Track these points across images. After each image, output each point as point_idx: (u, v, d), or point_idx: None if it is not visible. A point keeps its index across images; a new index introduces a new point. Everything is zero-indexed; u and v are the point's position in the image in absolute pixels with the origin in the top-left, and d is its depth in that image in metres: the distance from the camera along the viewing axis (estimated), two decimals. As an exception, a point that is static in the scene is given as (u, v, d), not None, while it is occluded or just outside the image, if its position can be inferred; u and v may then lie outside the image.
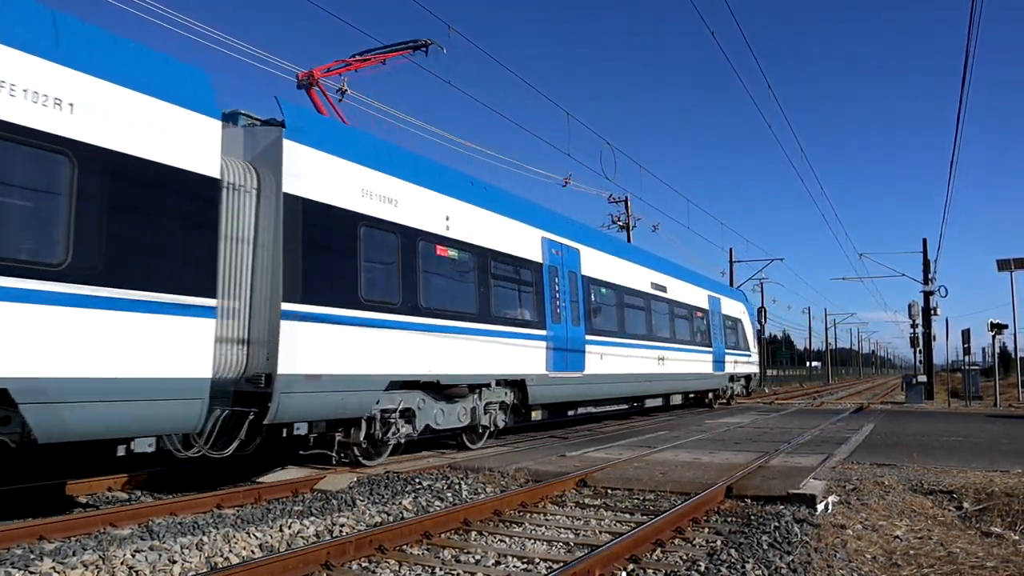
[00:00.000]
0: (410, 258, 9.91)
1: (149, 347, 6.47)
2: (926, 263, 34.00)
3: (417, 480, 8.38)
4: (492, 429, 12.05)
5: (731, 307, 25.46)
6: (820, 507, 6.97)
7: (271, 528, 6.08)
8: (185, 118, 7.04)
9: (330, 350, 8.47)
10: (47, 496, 7.65)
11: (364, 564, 5.25)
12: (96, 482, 8.13)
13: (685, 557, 5.43)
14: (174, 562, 5.12)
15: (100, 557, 5.06)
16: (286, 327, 7.87)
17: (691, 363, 20.64)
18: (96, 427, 6.22)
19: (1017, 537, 6.23)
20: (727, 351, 24.21)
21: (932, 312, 33.65)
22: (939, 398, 32.24)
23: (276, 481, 8.34)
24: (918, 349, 38.93)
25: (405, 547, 5.64)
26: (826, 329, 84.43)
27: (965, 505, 7.43)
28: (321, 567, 4.97)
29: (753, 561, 5.13)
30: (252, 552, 5.53)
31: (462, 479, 8.51)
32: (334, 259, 8.71)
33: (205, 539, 5.60)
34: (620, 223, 38.05)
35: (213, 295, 7.18)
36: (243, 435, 7.74)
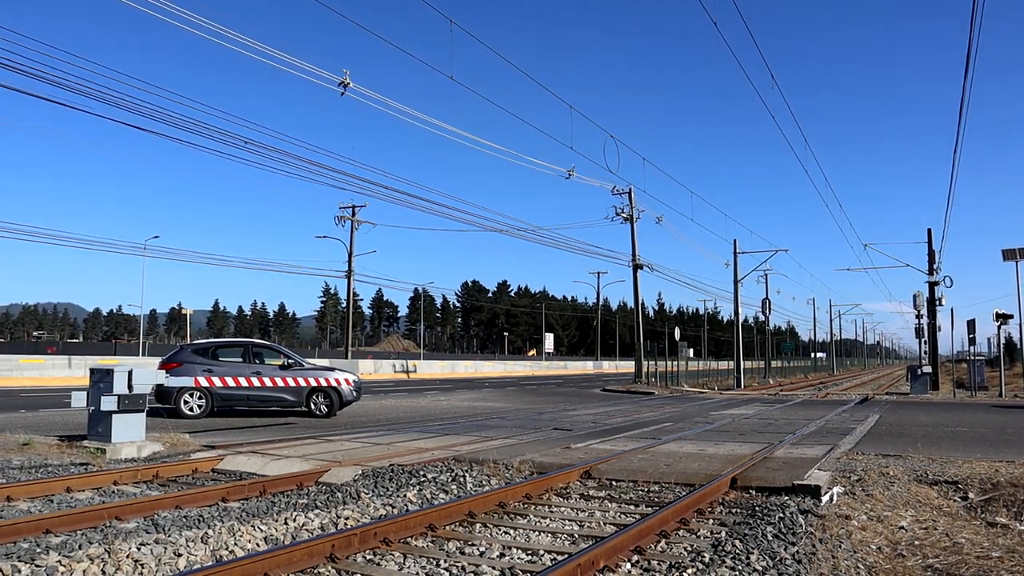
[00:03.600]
0: None
1: None
2: (931, 253, 33.91)
3: (422, 472, 8.39)
4: None
5: None
6: (825, 498, 6.96)
7: (276, 521, 6.09)
8: None
9: None
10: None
11: (369, 556, 5.26)
12: (102, 476, 8.15)
13: (689, 548, 5.42)
14: (179, 555, 5.13)
15: (106, 550, 5.07)
16: None
17: None
18: None
19: (1022, 527, 6.21)
20: None
21: (937, 302, 33.59)
22: (944, 388, 32.16)
23: (281, 474, 8.36)
24: (923, 340, 38.84)
25: (410, 539, 5.65)
26: (831, 320, 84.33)
27: (970, 495, 7.42)
28: (326, 559, 4.98)
29: (758, 552, 5.12)
30: (257, 545, 5.54)
31: (466, 471, 8.51)
32: None
33: (210, 532, 5.60)
34: (624, 215, 38.01)
35: None
36: None
